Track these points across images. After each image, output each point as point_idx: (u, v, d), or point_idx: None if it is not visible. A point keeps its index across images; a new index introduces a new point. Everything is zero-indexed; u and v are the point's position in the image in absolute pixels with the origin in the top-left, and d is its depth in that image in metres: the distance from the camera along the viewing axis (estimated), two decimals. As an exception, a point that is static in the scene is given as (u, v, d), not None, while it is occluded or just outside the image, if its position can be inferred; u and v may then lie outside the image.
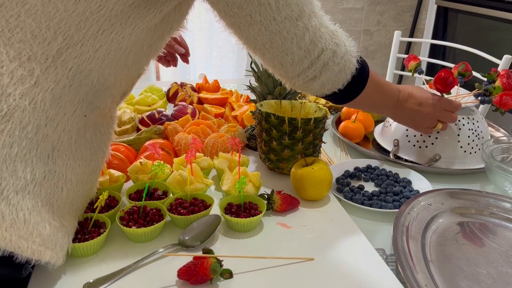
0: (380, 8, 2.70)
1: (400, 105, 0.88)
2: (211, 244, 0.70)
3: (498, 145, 0.98)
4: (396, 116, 0.92)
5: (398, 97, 0.86)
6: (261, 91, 1.01)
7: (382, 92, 0.83)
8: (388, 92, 0.85)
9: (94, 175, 0.69)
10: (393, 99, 0.86)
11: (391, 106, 0.87)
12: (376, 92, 0.81)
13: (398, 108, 0.88)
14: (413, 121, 0.92)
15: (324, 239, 0.72)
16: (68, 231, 0.61)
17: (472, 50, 1.72)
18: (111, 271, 0.62)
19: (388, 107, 0.88)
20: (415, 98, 0.89)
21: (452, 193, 0.83)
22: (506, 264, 0.68)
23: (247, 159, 0.91)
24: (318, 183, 0.80)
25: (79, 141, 0.62)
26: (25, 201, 0.53)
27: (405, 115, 0.90)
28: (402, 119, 0.93)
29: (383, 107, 0.88)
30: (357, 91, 0.77)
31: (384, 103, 0.86)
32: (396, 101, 0.87)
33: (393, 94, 0.86)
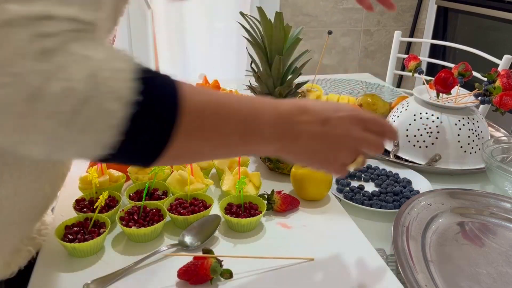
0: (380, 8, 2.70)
1: (285, 128, 0.49)
2: (211, 244, 0.70)
3: (498, 145, 0.98)
4: (284, 150, 0.51)
5: (276, 115, 0.49)
6: (261, 91, 1.01)
7: (231, 117, 0.46)
8: (247, 113, 0.47)
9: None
10: (263, 121, 0.48)
11: (265, 135, 0.48)
12: (218, 120, 0.45)
13: (284, 136, 0.49)
14: (314, 155, 0.52)
15: (324, 239, 0.72)
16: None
17: (472, 50, 1.72)
18: (111, 271, 0.62)
19: (259, 139, 0.48)
20: (313, 113, 0.51)
21: (452, 193, 0.83)
22: (506, 264, 0.68)
23: (247, 159, 0.91)
24: (318, 183, 0.80)
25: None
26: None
27: (300, 147, 0.51)
28: (296, 155, 0.52)
29: (245, 141, 0.48)
30: (162, 133, 0.41)
31: (245, 132, 0.47)
32: (272, 124, 0.48)
33: (261, 113, 0.48)
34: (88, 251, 0.65)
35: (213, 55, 2.44)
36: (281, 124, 0.48)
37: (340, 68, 2.80)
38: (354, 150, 0.53)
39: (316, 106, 0.52)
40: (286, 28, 0.93)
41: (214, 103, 0.45)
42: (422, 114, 1.00)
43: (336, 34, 2.69)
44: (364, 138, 0.53)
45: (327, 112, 0.51)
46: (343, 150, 0.53)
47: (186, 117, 0.42)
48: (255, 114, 0.47)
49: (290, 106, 0.50)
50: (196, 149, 0.45)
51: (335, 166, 0.54)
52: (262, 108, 0.48)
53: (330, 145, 0.52)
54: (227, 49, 2.45)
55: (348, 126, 0.52)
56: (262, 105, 0.48)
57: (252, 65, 0.99)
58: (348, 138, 0.52)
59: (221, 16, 2.35)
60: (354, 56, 2.79)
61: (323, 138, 0.51)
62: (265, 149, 0.49)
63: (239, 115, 0.46)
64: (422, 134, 0.99)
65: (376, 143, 0.54)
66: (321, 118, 0.51)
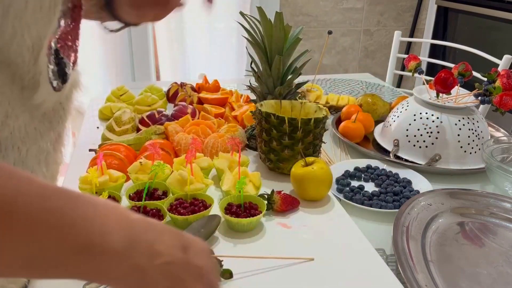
0: (380, 8, 2.70)
1: (142, 247, 0.39)
2: (211, 244, 0.70)
3: (498, 145, 0.98)
4: (134, 276, 0.39)
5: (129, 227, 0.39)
6: (261, 91, 1.01)
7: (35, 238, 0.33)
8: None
9: None
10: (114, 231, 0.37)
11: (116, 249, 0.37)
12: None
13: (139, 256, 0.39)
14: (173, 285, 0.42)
15: (324, 239, 0.72)
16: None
17: (472, 50, 1.72)
18: (111, 271, 0.62)
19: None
20: (173, 236, 0.43)
21: (452, 193, 0.83)
22: (506, 264, 0.68)
23: (247, 159, 0.91)
24: (318, 183, 0.80)
25: None
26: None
27: (156, 273, 0.40)
28: (148, 285, 0.40)
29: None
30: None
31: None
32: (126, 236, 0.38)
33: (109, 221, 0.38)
34: (88, 251, 0.65)
35: (213, 55, 2.44)
36: (135, 239, 0.38)
37: (340, 68, 2.80)
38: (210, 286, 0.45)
39: (171, 230, 0.43)
40: (286, 28, 0.93)
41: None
42: (422, 114, 1.00)
43: (336, 34, 2.69)
44: (215, 279, 0.47)
45: (185, 239, 0.44)
46: (199, 286, 0.43)
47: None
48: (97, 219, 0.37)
49: (147, 221, 0.41)
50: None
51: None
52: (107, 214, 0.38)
53: (188, 277, 0.42)
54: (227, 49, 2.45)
55: (206, 259, 0.45)
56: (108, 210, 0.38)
57: (252, 65, 0.99)
58: (205, 273, 0.44)
59: (221, 16, 2.35)
60: (354, 56, 2.79)
61: (183, 266, 0.42)
62: (107, 268, 0.37)
63: (69, 219, 0.35)
64: (422, 134, 0.99)
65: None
66: (182, 243, 0.43)
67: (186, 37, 2.34)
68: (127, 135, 1.08)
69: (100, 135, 1.08)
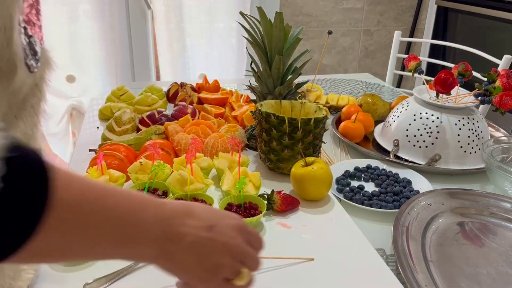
0: (380, 8, 2.70)
1: (168, 230, 0.45)
2: (211, 244, 0.70)
3: (498, 145, 0.98)
4: (164, 255, 0.45)
5: (160, 216, 0.44)
6: (261, 91, 1.01)
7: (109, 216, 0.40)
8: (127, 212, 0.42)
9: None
10: (145, 222, 0.43)
11: (145, 237, 0.43)
12: (92, 219, 0.39)
13: (166, 238, 0.44)
14: (197, 264, 0.46)
15: (324, 239, 0.72)
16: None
17: (472, 50, 1.71)
18: (111, 271, 0.62)
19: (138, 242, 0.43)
20: (199, 217, 0.47)
21: (452, 193, 0.83)
22: (506, 264, 0.68)
23: (247, 159, 0.91)
24: (318, 183, 0.80)
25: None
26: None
27: (183, 251, 0.45)
28: (176, 263, 0.46)
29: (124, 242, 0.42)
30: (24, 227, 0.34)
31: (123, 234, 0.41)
32: (156, 226, 0.44)
33: (144, 214, 0.43)
34: (88, 251, 0.65)
35: (213, 55, 2.44)
36: (164, 226, 0.44)
37: (340, 68, 2.80)
38: (238, 261, 0.48)
39: (202, 211, 0.48)
40: (286, 28, 0.93)
41: (91, 199, 0.39)
42: (422, 114, 1.00)
43: (336, 34, 2.68)
44: (247, 251, 0.49)
45: (213, 218, 0.48)
46: (227, 259, 0.47)
47: (54, 213, 0.35)
48: (136, 214, 0.42)
49: (175, 207, 0.46)
50: (63, 249, 0.39)
51: (218, 279, 0.47)
52: (146, 208, 0.43)
53: (215, 252, 0.46)
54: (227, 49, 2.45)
55: (234, 234, 0.48)
56: (145, 204, 0.44)
57: (252, 65, 0.99)
58: (233, 247, 0.48)
59: (221, 16, 2.35)
60: (354, 56, 2.79)
61: (208, 243, 0.46)
62: (143, 253, 0.44)
63: (117, 215, 0.41)
64: (422, 134, 0.99)
65: (257, 259, 0.50)
66: (207, 223, 0.47)
67: (186, 37, 2.34)
68: (127, 135, 1.08)
69: (100, 135, 1.08)
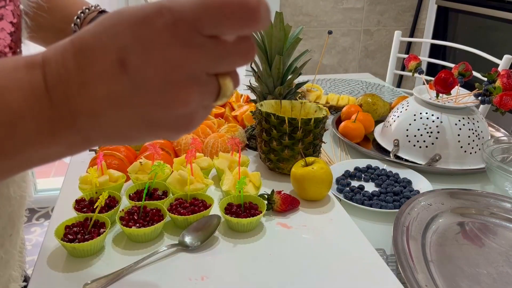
0: (380, 8, 2.70)
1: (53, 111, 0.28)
2: (211, 244, 0.70)
3: (498, 145, 0.97)
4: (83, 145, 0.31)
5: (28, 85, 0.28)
6: (261, 91, 1.01)
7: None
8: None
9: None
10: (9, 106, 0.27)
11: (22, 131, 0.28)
12: None
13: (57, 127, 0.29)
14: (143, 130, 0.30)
15: (324, 239, 0.72)
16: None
17: (472, 50, 1.72)
18: (111, 271, 0.62)
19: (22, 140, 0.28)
20: (96, 50, 0.27)
21: (452, 193, 0.83)
22: (506, 264, 0.68)
23: (247, 159, 0.91)
24: (318, 183, 0.80)
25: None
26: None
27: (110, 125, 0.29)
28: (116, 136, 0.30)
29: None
30: None
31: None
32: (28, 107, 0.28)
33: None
34: (88, 251, 0.65)
35: (213, 55, 2.44)
36: (51, 103, 0.28)
37: (340, 68, 2.80)
38: (206, 80, 0.29)
39: (94, 32, 0.27)
40: (286, 28, 0.93)
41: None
42: (422, 114, 1.00)
43: (336, 34, 2.68)
44: (217, 54, 0.28)
45: (122, 38, 0.27)
46: (180, 93, 0.28)
47: None
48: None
49: (50, 58, 0.28)
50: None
51: (191, 119, 0.30)
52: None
53: (154, 97, 0.28)
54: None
55: (170, 52, 0.27)
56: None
57: (252, 65, 0.99)
58: (185, 69, 0.27)
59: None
60: (354, 56, 2.79)
61: (136, 93, 0.27)
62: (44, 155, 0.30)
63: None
64: (422, 134, 0.99)
65: (243, 49, 0.29)
66: (113, 59, 0.27)
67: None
68: (127, 135, 1.08)
69: (100, 135, 1.08)
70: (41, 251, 0.67)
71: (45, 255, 0.66)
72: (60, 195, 0.82)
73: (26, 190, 0.55)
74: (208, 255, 0.67)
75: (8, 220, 0.52)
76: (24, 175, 0.55)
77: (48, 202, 2.42)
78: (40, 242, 0.70)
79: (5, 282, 0.55)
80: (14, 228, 0.54)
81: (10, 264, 0.55)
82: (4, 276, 0.54)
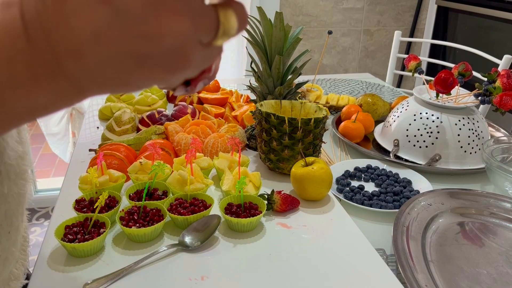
0: (380, 8, 2.70)
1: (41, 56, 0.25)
2: (211, 244, 0.70)
3: (498, 145, 0.97)
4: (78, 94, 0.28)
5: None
6: (261, 91, 1.01)
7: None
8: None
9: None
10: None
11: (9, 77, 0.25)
12: None
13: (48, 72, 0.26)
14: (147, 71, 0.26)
15: (324, 239, 0.72)
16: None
17: (472, 50, 1.72)
18: (111, 271, 0.62)
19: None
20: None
21: (452, 193, 0.83)
22: (506, 264, 0.68)
23: (247, 159, 0.91)
24: (318, 183, 0.80)
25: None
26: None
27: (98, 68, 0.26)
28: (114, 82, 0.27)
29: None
30: None
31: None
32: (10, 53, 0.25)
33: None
34: (88, 251, 0.65)
35: (213, 54, 2.43)
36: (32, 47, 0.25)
37: (340, 68, 2.80)
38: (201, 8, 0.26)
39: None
40: (286, 28, 0.93)
41: None
42: (422, 114, 1.00)
43: (336, 34, 2.68)
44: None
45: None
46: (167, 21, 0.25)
47: None
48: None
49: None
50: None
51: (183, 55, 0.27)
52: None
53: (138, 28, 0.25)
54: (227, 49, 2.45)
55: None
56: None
57: (252, 65, 0.99)
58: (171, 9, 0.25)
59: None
60: (354, 56, 2.79)
61: (119, 25, 0.25)
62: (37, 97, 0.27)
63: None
64: (422, 134, 0.99)
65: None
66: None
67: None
68: (127, 135, 1.08)
69: (100, 135, 1.08)
70: (41, 251, 0.67)
71: (45, 255, 0.66)
72: (60, 195, 0.82)
73: (25, 188, 0.55)
74: (208, 255, 0.67)
75: (5, 218, 0.52)
76: (22, 173, 0.55)
77: (48, 202, 2.42)
78: (40, 242, 0.70)
79: (5, 280, 0.55)
80: (12, 226, 0.54)
81: (9, 262, 0.55)
82: (3, 274, 0.54)
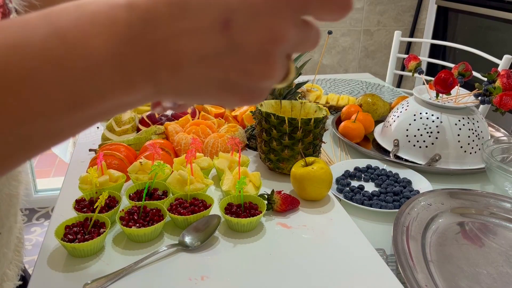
0: (380, 8, 2.70)
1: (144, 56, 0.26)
2: (211, 244, 0.70)
3: (498, 145, 0.97)
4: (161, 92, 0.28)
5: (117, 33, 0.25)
6: (261, 91, 1.01)
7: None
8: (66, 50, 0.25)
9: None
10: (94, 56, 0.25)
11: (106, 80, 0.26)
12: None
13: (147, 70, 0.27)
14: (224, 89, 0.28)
15: (324, 239, 0.72)
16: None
17: (472, 50, 1.71)
18: (111, 271, 0.62)
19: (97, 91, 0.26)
20: (199, 10, 0.25)
21: (452, 193, 0.83)
22: (506, 264, 0.68)
23: (247, 159, 0.91)
24: (318, 183, 0.80)
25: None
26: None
27: (190, 81, 0.27)
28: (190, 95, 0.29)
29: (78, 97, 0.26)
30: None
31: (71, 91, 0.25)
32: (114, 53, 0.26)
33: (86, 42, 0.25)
34: (88, 251, 0.65)
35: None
36: (133, 52, 0.26)
37: (340, 68, 2.80)
38: (284, 59, 0.28)
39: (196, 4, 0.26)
40: (286, 28, 0.93)
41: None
42: (422, 114, 1.00)
43: (336, 34, 2.68)
44: (304, 36, 0.28)
45: (227, 3, 0.26)
46: (270, 65, 0.27)
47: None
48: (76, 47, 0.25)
49: (149, 4, 0.26)
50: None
51: (261, 93, 0.29)
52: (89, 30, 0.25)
53: (244, 63, 0.27)
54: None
55: (274, 21, 0.26)
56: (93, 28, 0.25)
57: (252, 65, 0.99)
58: (281, 43, 0.27)
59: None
60: (354, 56, 2.79)
61: (228, 55, 0.26)
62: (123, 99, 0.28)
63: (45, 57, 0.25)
64: (422, 134, 0.99)
65: (316, 34, 0.29)
66: (216, 17, 0.25)
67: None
68: (127, 135, 1.08)
69: (100, 135, 1.08)
70: (41, 251, 0.67)
71: (45, 255, 0.66)
72: (60, 195, 0.82)
73: (17, 190, 0.55)
74: (208, 255, 0.67)
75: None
76: (16, 174, 0.54)
77: (48, 202, 2.42)
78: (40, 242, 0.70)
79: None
80: (4, 227, 0.54)
81: (1, 263, 0.55)
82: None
